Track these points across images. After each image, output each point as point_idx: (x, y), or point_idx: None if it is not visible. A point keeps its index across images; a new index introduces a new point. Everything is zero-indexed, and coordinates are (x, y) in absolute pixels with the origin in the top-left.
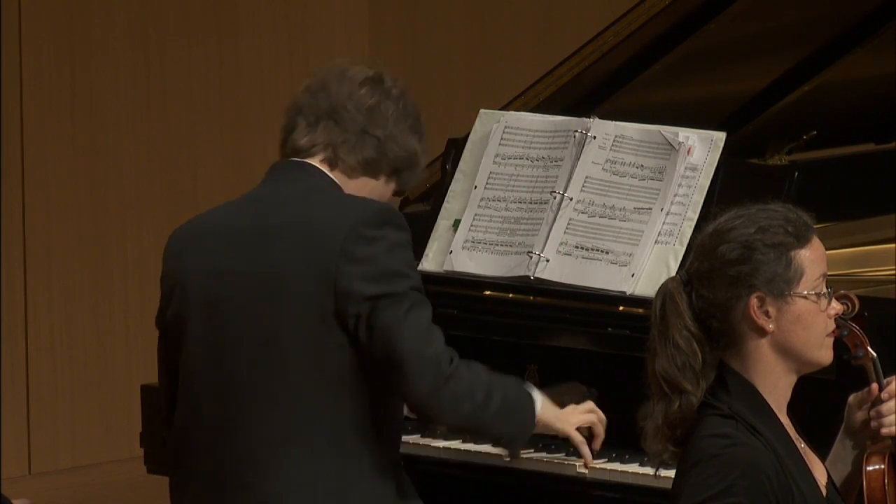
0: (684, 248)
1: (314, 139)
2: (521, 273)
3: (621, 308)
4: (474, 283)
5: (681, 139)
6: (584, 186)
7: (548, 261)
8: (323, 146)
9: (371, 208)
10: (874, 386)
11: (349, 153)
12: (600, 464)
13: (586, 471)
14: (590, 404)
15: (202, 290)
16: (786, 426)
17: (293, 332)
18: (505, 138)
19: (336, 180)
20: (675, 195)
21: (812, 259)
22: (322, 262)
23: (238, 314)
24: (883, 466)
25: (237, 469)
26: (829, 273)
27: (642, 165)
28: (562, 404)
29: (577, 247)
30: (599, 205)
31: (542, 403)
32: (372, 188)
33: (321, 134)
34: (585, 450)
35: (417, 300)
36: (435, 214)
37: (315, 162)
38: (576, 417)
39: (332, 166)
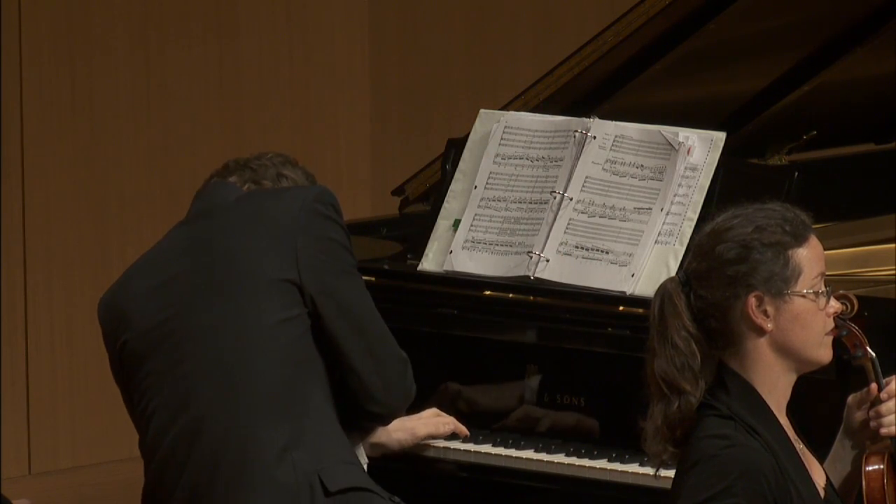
0: (684, 248)
1: (232, 182)
2: (521, 273)
3: (621, 308)
4: (474, 283)
5: (681, 139)
6: (584, 186)
7: (548, 261)
8: (242, 182)
9: (314, 189)
10: (873, 386)
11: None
12: (600, 464)
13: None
14: (431, 411)
15: (145, 313)
16: (785, 427)
17: (258, 311)
18: (505, 138)
19: None
20: (675, 195)
21: (810, 258)
22: (283, 239)
23: (191, 311)
24: (882, 466)
25: (217, 458)
26: (828, 273)
27: (642, 165)
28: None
29: (577, 247)
30: (599, 205)
31: None
32: None
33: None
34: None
35: (359, 275)
36: (435, 214)
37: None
38: (423, 429)
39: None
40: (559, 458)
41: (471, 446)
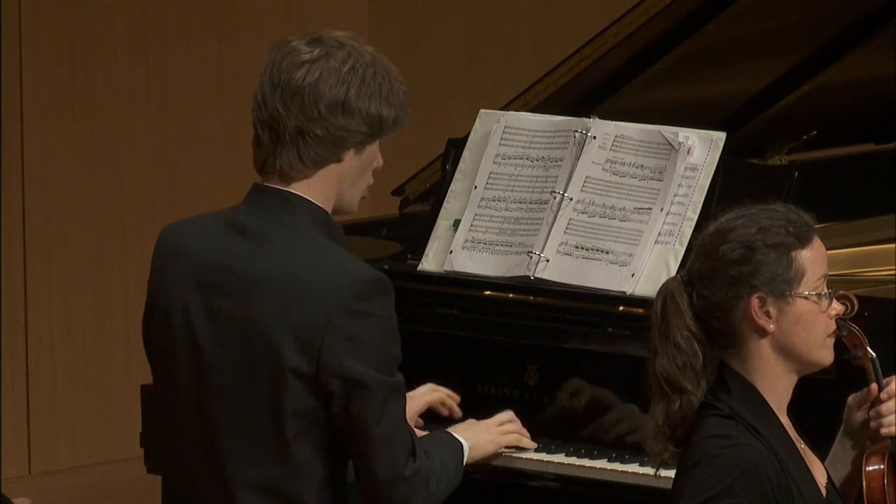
0: (684, 248)
1: (260, 155)
2: (521, 273)
3: (621, 308)
4: (474, 283)
5: (681, 139)
6: (584, 186)
7: (548, 261)
8: (272, 161)
9: (360, 279)
10: (874, 386)
11: (296, 163)
12: (600, 464)
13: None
14: (505, 416)
15: (184, 322)
16: (786, 426)
17: (264, 384)
18: (505, 138)
19: (302, 192)
20: (675, 195)
21: (813, 259)
22: (306, 331)
23: (215, 355)
24: (882, 466)
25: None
26: (829, 273)
27: (642, 165)
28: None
29: (577, 247)
30: (599, 205)
31: (467, 445)
32: (342, 169)
33: (266, 147)
34: (526, 442)
35: (393, 388)
36: (435, 214)
37: (283, 185)
38: (501, 439)
39: (289, 180)
40: (559, 458)
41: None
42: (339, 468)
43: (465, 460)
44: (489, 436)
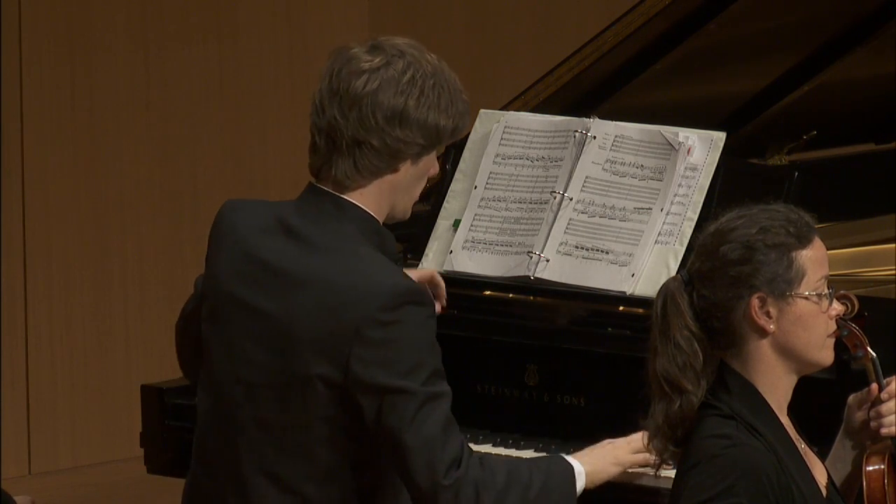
0: (684, 248)
1: (316, 161)
2: (521, 273)
3: (621, 308)
4: (474, 283)
5: (681, 139)
6: (584, 186)
7: (548, 261)
8: (327, 168)
9: (392, 289)
10: (874, 386)
11: (351, 172)
12: None
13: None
14: (635, 437)
15: (226, 310)
16: (786, 426)
17: (292, 387)
18: (505, 138)
19: (355, 200)
20: (675, 195)
21: (813, 260)
22: (335, 339)
23: (245, 350)
24: (883, 466)
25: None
26: (829, 273)
27: (642, 165)
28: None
29: (577, 247)
30: (599, 205)
31: (582, 469)
32: (398, 180)
33: (322, 153)
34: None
35: (430, 396)
36: (435, 214)
37: (337, 192)
38: (627, 458)
39: (343, 188)
40: None
41: (471, 446)
42: (373, 480)
43: (579, 484)
44: (614, 456)
